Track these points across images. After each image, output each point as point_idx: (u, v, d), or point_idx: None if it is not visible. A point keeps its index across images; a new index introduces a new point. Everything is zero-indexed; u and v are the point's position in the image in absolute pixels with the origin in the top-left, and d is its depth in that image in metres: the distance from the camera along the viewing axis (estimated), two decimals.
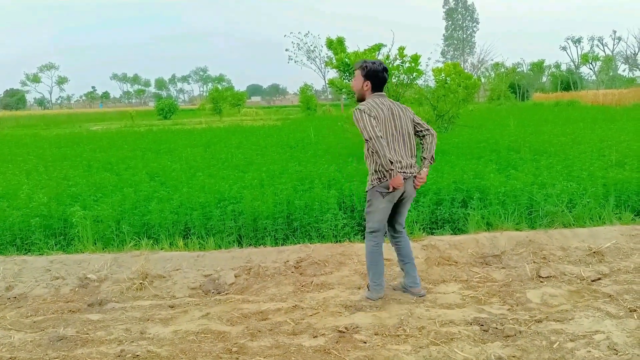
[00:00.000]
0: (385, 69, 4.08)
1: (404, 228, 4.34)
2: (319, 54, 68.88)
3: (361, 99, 4.14)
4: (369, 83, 4.05)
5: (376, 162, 3.91)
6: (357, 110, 3.92)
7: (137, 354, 3.40)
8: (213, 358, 3.35)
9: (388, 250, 4.62)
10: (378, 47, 13.79)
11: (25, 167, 9.74)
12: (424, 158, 4.13)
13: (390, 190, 3.96)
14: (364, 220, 4.20)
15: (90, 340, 3.68)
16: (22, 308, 4.40)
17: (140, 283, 4.73)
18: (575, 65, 70.55)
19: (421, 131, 4.14)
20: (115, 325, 3.92)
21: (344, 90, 11.09)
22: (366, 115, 3.87)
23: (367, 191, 4.10)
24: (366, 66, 4.04)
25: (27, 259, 5.18)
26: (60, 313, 4.27)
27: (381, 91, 4.12)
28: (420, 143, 4.21)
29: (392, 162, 3.83)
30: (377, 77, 4.04)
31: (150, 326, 3.90)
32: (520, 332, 3.52)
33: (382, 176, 3.94)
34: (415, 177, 4.08)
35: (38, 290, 4.75)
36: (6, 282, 4.84)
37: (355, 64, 4.16)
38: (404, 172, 3.98)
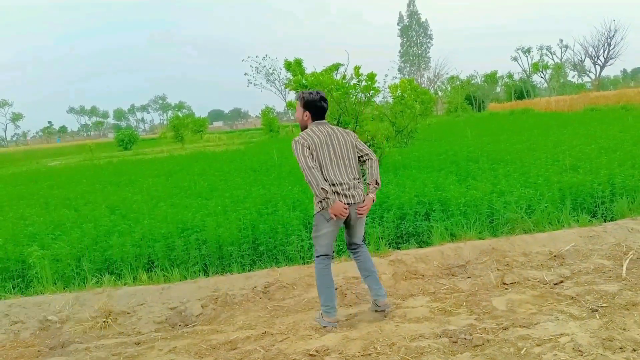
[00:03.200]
0: (323, 98, 4.09)
1: (362, 242, 4.33)
2: (278, 76, 69.22)
3: (304, 129, 4.16)
4: (308, 113, 4.09)
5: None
6: (293, 142, 3.97)
7: None
8: None
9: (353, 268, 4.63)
10: (335, 67, 13.93)
11: None
12: (368, 184, 4.13)
13: (332, 218, 3.97)
14: (314, 245, 4.15)
15: None
16: None
17: (104, 321, 4.59)
18: (526, 74, 72.88)
19: (362, 157, 4.17)
20: None
21: None
22: (299, 146, 3.91)
23: (314, 215, 4.08)
24: (303, 97, 4.07)
25: None
26: (22, 359, 4.09)
27: (322, 119, 4.13)
28: (362, 169, 4.24)
29: (325, 191, 3.84)
30: (315, 106, 4.08)
31: None
32: (488, 340, 3.56)
33: (324, 203, 3.94)
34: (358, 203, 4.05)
35: None
36: None
37: (295, 95, 4.19)
38: (346, 196, 3.97)
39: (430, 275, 5.06)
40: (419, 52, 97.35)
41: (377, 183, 4.16)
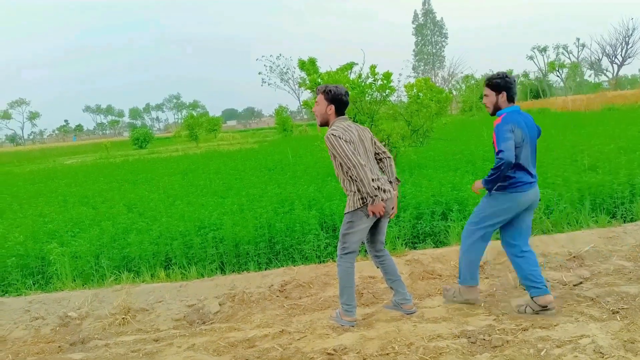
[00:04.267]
0: (347, 93, 4.08)
1: (384, 246, 4.33)
2: (292, 76, 69.35)
3: (325, 124, 4.09)
4: (332, 107, 4.01)
5: (359, 188, 3.87)
6: (332, 137, 3.84)
7: None
8: None
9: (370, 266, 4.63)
10: (350, 66, 13.89)
11: None
12: (391, 182, 4.14)
13: (370, 215, 3.95)
14: (341, 242, 4.09)
15: None
16: (2, 352, 4.26)
17: (123, 318, 4.64)
18: (542, 73, 72.25)
19: (379, 154, 4.16)
20: None
21: None
22: (342, 142, 3.82)
23: (347, 213, 4.04)
24: (330, 90, 4.00)
25: (5, 301, 5.04)
26: (42, 354, 4.15)
27: (344, 114, 4.10)
28: (380, 167, 4.19)
29: (377, 188, 3.87)
30: (341, 100, 4.02)
31: None
32: (507, 341, 3.53)
33: (365, 200, 3.89)
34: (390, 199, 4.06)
35: (17, 332, 4.62)
36: None
37: (317, 88, 4.12)
38: (384, 191, 3.97)
39: (448, 275, 5.04)
40: (434, 50, 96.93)
41: (397, 180, 4.23)
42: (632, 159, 8.03)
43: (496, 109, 4.08)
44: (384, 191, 3.97)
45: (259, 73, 70.48)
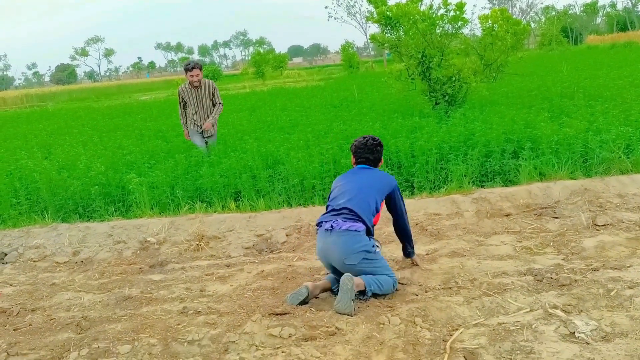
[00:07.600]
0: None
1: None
2: (359, 9, 67.10)
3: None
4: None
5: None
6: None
7: (199, 310, 3.58)
8: (269, 312, 3.46)
9: None
10: None
11: (82, 138, 10.15)
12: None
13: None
14: None
15: (154, 299, 3.89)
16: (89, 271, 4.66)
17: (197, 244, 4.92)
18: (632, 3, 66.13)
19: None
20: (176, 285, 4.12)
21: (386, 45, 10.82)
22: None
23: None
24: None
25: (90, 226, 5.46)
26: (125, 275, 4.50)
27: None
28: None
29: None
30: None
31: (209, 284, 4.07)
32: (575, 280, 3.47)
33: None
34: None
35: (102, 254, 5.02)
36: (73, 248, 5.14)
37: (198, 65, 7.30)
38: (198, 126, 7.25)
39: (516, 214, 4.94)
40: None
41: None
42: None
43: None
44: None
45: (325, 7, 68.74)
